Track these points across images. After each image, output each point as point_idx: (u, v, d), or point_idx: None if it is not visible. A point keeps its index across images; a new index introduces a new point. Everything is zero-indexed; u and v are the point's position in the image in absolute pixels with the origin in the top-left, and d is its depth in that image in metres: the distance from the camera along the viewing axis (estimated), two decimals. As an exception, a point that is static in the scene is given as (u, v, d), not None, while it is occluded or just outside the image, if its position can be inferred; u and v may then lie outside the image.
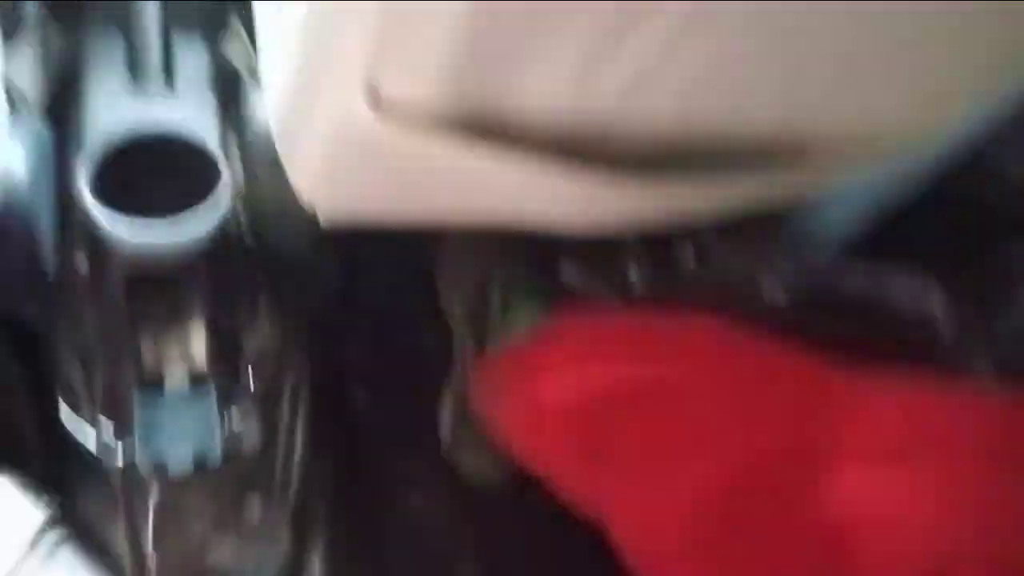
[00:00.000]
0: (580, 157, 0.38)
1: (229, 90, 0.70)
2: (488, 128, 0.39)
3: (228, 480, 0.69)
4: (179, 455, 0.62)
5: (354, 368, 0.82)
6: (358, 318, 0.83)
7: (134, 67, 0.68)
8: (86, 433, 0.67)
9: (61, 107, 0.67)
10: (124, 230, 0.62)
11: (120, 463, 0.65)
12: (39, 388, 0.68)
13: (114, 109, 0.65)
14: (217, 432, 0.63)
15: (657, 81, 0.35)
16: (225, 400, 0.70)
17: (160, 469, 0.62)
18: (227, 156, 0.66)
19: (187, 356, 0.69)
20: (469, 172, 0.42)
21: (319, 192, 0.54)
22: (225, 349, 0.70)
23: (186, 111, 0.67)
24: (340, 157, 0.47)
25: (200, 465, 0.63)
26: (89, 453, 0.67)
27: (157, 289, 0.67)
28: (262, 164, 0.67)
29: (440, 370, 0.80)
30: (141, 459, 0.59)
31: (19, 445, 0.67)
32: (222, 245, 0.69)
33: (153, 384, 0.67)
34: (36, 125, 0.64)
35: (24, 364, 0.68)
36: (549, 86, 0.36)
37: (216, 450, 0.63)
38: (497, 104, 0.38)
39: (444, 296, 0.80)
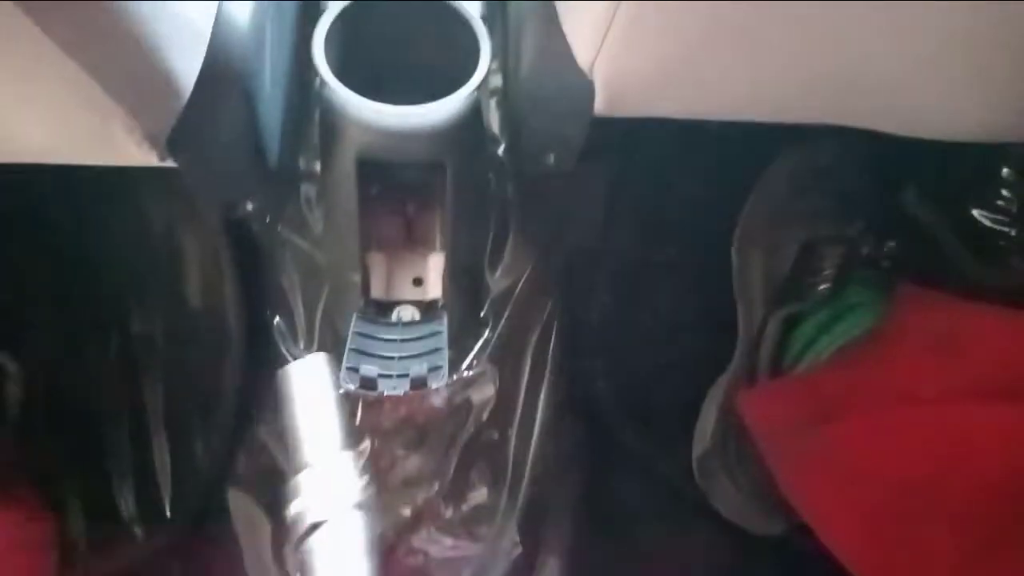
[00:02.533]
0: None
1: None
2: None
3: (450, 445, 0.54)
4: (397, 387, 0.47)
5: (598, 337, 0.64)
6: (617, 266, 0.64)
7: None
8: (297, 354, 0.55)
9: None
10: (361, 111, 0.49)
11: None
12: (250, 296, 0.57)
13: None
14: (442, 370, 0.47)
15: None
16: (456, 338, 0.56)
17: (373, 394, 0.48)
18: (492, 28, 0.51)
19: (417, 277, 0.55)
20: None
21: (599, 51, 0.37)
22: (463, 273, 0.55)
23: None
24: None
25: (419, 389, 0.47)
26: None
27: (389, 191, 0.54)
28: (533, 41, 0.50)
29: (711, 364, 0.59)
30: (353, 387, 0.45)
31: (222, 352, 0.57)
32: (472, 142, 0.54)
33: (377, 304, 0.54)
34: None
35: (238, 268, 0.57)
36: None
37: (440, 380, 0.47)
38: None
39: (739, 259, 0.59)
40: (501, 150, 0.61)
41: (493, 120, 0.62)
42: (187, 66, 0.38)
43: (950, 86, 0.37)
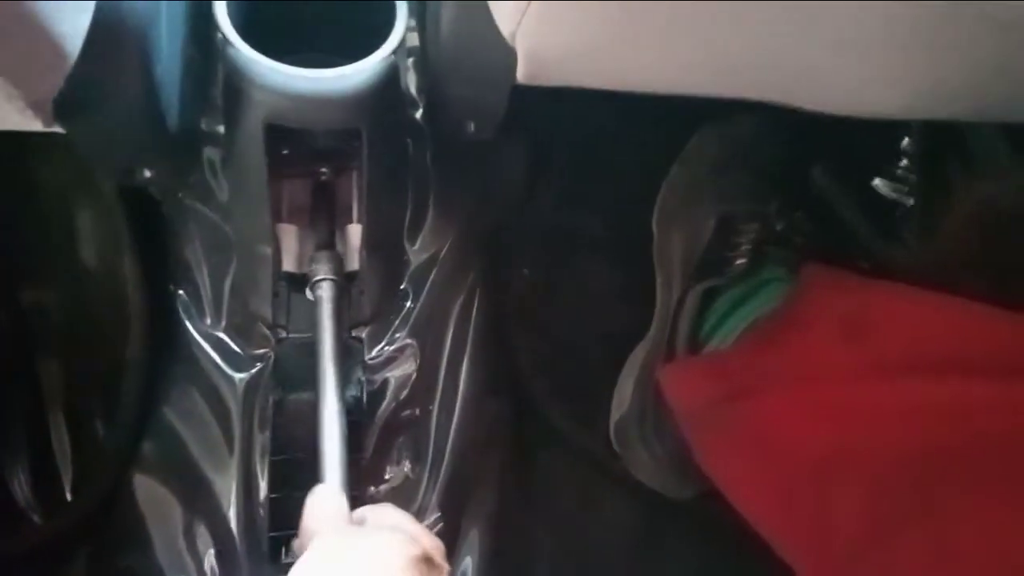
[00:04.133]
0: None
1: None
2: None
3: (368, 425, 0.53)
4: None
5: (522, 309, 0.63)
6: (538, 238, 0.64)
7: None
8: (205, 332, 0.53)
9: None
10: (269, 73, 0.46)
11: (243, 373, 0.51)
12: (152, 268, 0.54)
13: None
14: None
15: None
16: (376, 312, 0.54)
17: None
18: None
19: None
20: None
21: (522, 20, 0.36)
22: (381, 245, 0.54)
23: None
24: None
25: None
26: (205, 360, 0.53)
27: (300, 156, 0.52)
28: (453, 5, 0.48)
29: (631, 336, 0.60)
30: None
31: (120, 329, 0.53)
32: (389, 107, 0.52)
33: (290, 278, 0.52)
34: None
35: (138, 238, 0.53)
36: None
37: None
38: None
39: (659, 231, 0.59)
40: (419, 114, 0.59)
41: (410, 81, 0.59)
42: (73, 25, 0.35)
43: (860, 67, 0.38)
